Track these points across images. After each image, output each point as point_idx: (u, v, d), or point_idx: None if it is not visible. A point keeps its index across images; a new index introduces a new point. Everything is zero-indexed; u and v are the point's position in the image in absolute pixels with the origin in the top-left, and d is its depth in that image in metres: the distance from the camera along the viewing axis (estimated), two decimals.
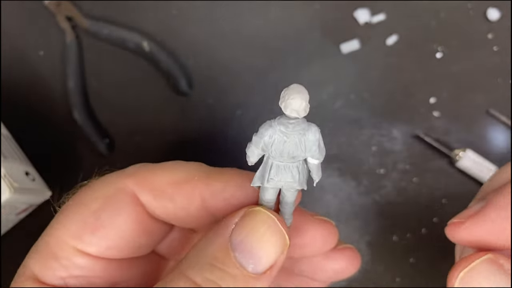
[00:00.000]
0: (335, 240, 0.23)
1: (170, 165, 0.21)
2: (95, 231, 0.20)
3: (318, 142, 0.18)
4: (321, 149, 0.18)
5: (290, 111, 0.17)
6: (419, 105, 0.35)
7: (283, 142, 0.18)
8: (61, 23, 0.35)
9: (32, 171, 0.32)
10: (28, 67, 0.35)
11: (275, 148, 0.18)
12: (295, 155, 0.18)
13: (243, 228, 0.18)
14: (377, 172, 0.35)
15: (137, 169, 0.21)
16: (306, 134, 0.18)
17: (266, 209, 0.19)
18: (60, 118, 0.35)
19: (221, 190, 0.20)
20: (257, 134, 0.18)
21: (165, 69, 0.35)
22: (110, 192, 0.20)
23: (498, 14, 0.35)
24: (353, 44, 0.35)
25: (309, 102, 0.17)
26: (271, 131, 0.18)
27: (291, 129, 0.18)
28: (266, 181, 0.19)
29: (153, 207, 0.21)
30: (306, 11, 0.36)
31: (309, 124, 0.18)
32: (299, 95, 0.17)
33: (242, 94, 0.35)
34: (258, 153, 0.18)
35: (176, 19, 0.36)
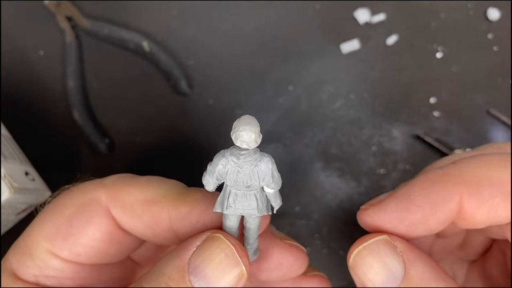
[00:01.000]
0: (303, 266, 0.23)
1: (144, 182, 0.22)
2: (66, 237, 0.21)
3: (271, 172, 0.18)
4: (275, 179, 0.18)
5: (241, 142, 0.17)
6: (419, 105, 0.35)
7: (237, 172, 0.18)
8: (61, 23, 0.35)
9: (32, 171, 0.32)
10: (28, 67, 0.35)
11: (230, 178, 0.18)
12: (250, 185, 0.18)
13: (201, 253, 0.19)
14: (377, 172, 0.35)
15: (113, 182, 0.22)
16: (258, 164, 0.18)
17: (226, 236, 0.19)
18: (60, 118, 0.35)
19: (187, 214, 0.21)
20: (211, 164, 0.19)
21: (165, 69, 0.35)
22: (84, 201, 0.21)
23: (498, 14, 0.35)
24: (353, 44, 0.35)
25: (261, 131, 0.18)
26: (224, 161, 0.18)
27: (242, 160, 0.18)
28: (225, 208, 0.19)
29: (122, 222, 0.21)
30: (306, 11, 0.36)
31: (262, 155, 0.18)
32: (248, 126, 0.17)
33: (242, 94, 0.35)
34: (214, 182, 0.19)
35: (176, 19, 0.36)
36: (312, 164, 0.35)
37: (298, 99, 0.35)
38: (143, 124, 0.35)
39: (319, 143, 0.35)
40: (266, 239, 0.22)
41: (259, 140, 0.18)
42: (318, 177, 0.35)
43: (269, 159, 0.18)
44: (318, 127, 0.35)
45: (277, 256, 0.22)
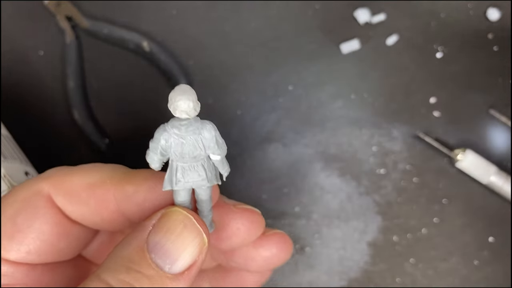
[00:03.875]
0: (261, 228, 0.23)
1: (86, 168, 0.21)
2: (12, 236, 0.19)
3: (215, 138, 0.18)
4: (220, 145, 0.18)
5: (180, 113, 0.17)
6: (419, 105, 0.35)
7: (181, 144, 0.18)
8: (61, 23, 0.35)
9: (31, 171, 0.32)
10: (28, 67, 0.35)
11: (174, 151, 0.18)
12: (195, 155, 0.18)
13: (160, 229, 0.18)
14: (377, 172, 0.35)
15: (54, 172, 0.21)
16: (201, 133, 0.18)
17: (182, 209, 0.19)
18: (60, 118, 0.35)
19: (133, 193, 0.20)
20: (152, 140, 0.18)
21: (165, 69, 0.35)
22: (26, 196, 0.20)
23: (498, 14, 0.35)
24: (353, 44, 0.35)
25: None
26: (166, 135, 0.18)
27: (184, 130, 0.18)
28: (175, 184, 0.19)
29: (69, 210, 0.20)
30: (306, 11, 0.36)
31: (203, 122, 0.18)
32: (185, 95, 0.17)
33: (242, 94, 0.35)
34: (159, 158, 0.18)
35: (176, 19, 0.36)
36: (312, 164, 0.35)
37: (298, 99, 0.35)
38: (143, 124, 0.35)
39: (319, 143, 0.35)
40: (220, 208, 0.22)
41: (198, 108, 0.17)
42: (318, 177, 0.35)
43: (211, 126, 0.18)
44: (318, 127, 0.35)
45: (233, 222, 0.22)
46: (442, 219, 0.34)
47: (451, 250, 0.34)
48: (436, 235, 0.34)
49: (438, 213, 0.34)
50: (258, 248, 0.23)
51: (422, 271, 0.34)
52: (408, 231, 0.34)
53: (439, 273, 0.34)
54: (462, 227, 0.34)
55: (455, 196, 0.34)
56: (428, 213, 0.34)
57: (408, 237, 0.34)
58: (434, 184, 0.34)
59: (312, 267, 0.34)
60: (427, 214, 0.34)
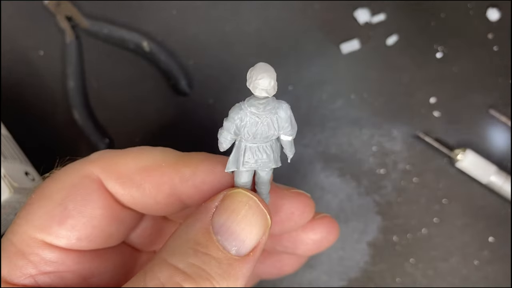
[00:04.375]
0: (312, 211, 0.23)
1: (137, 151, 0.20)
2: (62, 222, 0.19)
3: (290, 118, 0.18)
4: (293, 125, 0.18)
5: (260, 91, 0.17)
6: (419, 105, 0.35)
7: (256, 123, 0.17)
8: (61, 23, 0.35)
9: (31, 171, 0.32)
10: (28, 67, 0.35)
11: (248, 131, 0.17)
12: (268, 135, 0.18)
13: (224, 211, 0.18)
14: (377, 172, 0.35)
15: (101, 155, 0.20)
16: (277, 112, 0.17)
17: (246, 190, 0.19)
18: (60, 118, 0.35)
19: (191, 176, 0.20)
20: (227, 119, 0.18)
21: (165, 69, 0.35)
22: (75, 181, 0.19)
23: (498, 14, 0.35)
24: (353, 44, 0.35)
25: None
26: (242, 114, 0.17)
27: (262, 109, 0.17)
28: (242, 164, 0.18)
29: (120, 195, 0.20)
30: (306, 11, 0.36)
31: (279, 102, 0.18)
32: (266, 73, 0.17)
33: (242, 94, 0.35)
34: (231, 137, 0.18)
35: (176, 19, 0.35)
36: (312, 164, 0.35)
37: (298, 99, 0.35)
38: (143, 124, 0.35)
39: (319, 143, 0.35)
40: (273, 192, 0.21)
41: (276, 87, 0.17)
42: (318, 177, 0.35)
43: (287, 106, 0.18)
44: (318, 127, 0.35)
45: (288, 206, 0.22)
46: (442, 219, 0.34)
47: (451, 250, 0.34)
48: (436, 235, 0.34)
49: (438, 213, 0.34)
50: (308, 232, 0.23)
51: (422, 271, 0.34)
52: (408, 231, 0.34)
53: (439, 273, 0.34)
54: (462, 227, 0.34)
55: (455, 196, 0.34)
56: (428, 213, 0.34)
57: (408, 237, 0.34)
58: (434, 184, 0.34)
59: (312, 267, 0.34)
60: (427, 214, 0.34)
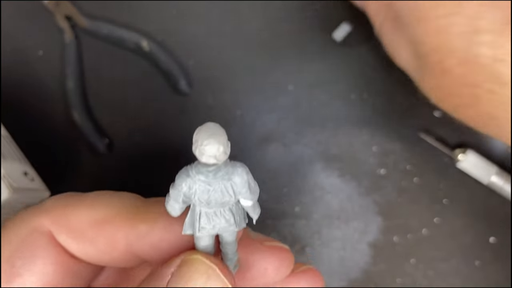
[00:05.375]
0: (290, 266, 0.21)
1: (92, 199, 0.19)
2: (11, 280, 0.17)
3: (247, 183, 0.16)
4: (252, 189, 0.16)
5: (207, 158, 0.15)
6: (420, 105, 0.35)
7: (207, 191, 0.16)
8: (60, 23, 0.35)
9: (30, 171, 0.32)
10: (26, 67, 0.35)
11: (199, 198, 0.16)
12: (223, 201, 0.16)
13: (180, 280, 0.16)
14: (377, 172, 0.35)
15: (54, 203, 0.19)
16: (231, 178, 0.16)
17: (205, 257, 0.17)
18: (59, 118, 0.35)
19: (148, 233, 0.18)
20: (173, 187, 0.16)
21: (165, 69, 0.35)
22: (24, 235, 0.18)
23: None
24: (344, 28, 0.35)
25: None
26: (190, 182, 0.16)
27: (212, 177, 0.15)
28: (198, 230, 0.16)
29: (73, 249, 0.18)
30: (306, 10, 0.35)
31: (233, 166, 0.16)
32: (213, 138, 0.15)
33: (242, 94, 0.35)
34: (180, 207, 0.16)
35: (176, 18, 0.35)
36: (312, 164, 0.35)
37: (298, 99, 0.35)
38: (143, 124, 0.35)
39: (319, 143, 0.35)
40: (245, 246, 0.20)
41: (229, 150, 0.15)
42: (318, 177, 0.35)
43: (243, 169, 0.16)
44: (318, 127, 0.35)
45: (261, 262, 0.20)
46: (443, 220, 0.34)
47: (452, 251, 0.34)
48: (436, 236, 0.34)
49: (438, 214, 0.34)
50: (289, 286, 0.22)
51: (423, 272, 0.34)
52: (409, 232, 0.34)
53: (440, 274, 0.34)
54: (463, 227, 0.34)
55: (456, 196, 0.34)
56: (428, 214, 0.34)
57: (409, 237, 0.34)
58: (435, 184, 0.34)
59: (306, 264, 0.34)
60: (428, 214, 0.34)
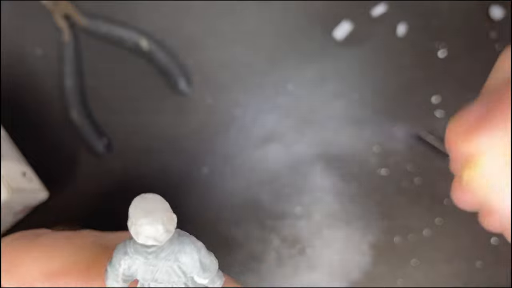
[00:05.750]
0: None
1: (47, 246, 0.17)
2: None
3: (198, 262, 0.13)
4: (206, 267, 0.14)
5: (144, 239, 0.12)
6: (421, 104, 0.35)
7: (151, 271, 0.13)
8: (58, 22, 0.35)
9: (29, 171, 0.32)
10: (25, 67, 0.35)
11: (143, 278, 0.14)
12: (174, 280, 0.14)
13: None
14: (378, 172, 0.34)
15: (6, 247, 0.17)
16: (178, 258, 0.13)
17: None
18: (58, 118, 0.35)
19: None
20: (111, 264, 0.14)
21: (164, 68, 0.35)
22: None
23: (501, 12, 0.35)
24: (345, 27, 0.35)
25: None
26: (128, 261, 0.13)
27: (153, 259, 0.13)
28: None
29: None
30: (307, 9, 0.35)
31: (180, 243, 0.13)
32: (151, 218, 0.12)
33: (242, 93, 0.35)
34: (123, 284, 0.14)
35: (175, 18, 0.35)
36: (312, 165, 0.34)
37: (299, 98, 0.35)
38: (142, 123, 0.35)
39: (320, 143, 0.35)
40: None
41: (173, 226, 0.13)
42: (319, 177, 0.34)
43: (193, 247, 0.13)
44: (319, 127, 0.35)
45: None
46: (444, 220, 0.34)
47: (454, 252, 0.34)
48: (438, 236, 0.34)
49: (440, 214, 0.34)
50: None
51: (424, 273, 0.34)
52: (410, 232, 0.34)
53: (441, 275, 0.34)
54: (464, 228, 0.34)
55: None
56: (430, 214, 0.34)
57: (410, 238, 0.34)
58: (436, 185, 0.34)
59: (313, 268, 0.34)
60: (429, 215, 0.34)
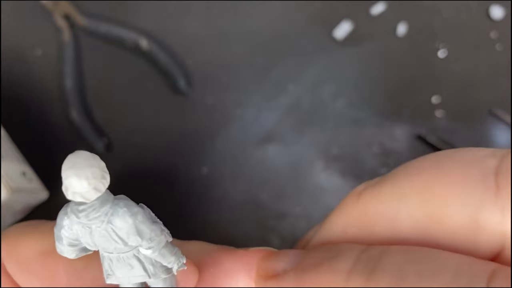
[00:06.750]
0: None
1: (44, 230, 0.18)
2: None
3: (134, 228, 0.12)
4: (146, 235, 0.12)
5: (72, 195, 0.12)
6: (421, 104, 0.35)
7: (89, 233, 0.13)
8: (58, 22, 0.35)
9: (29, 171, 0.32)
10: (25, 67, 0.35)
11: (86, 241, 0.13)
12: (114, 248, 0.13)
13: None
14: (378, 172, 0.34)
15: (11, 232, 0.18)
16: (111, 221, 0.12)
17: None
18: (58, 118, 0.35)
19: (84, 270, 0.16)
20: (55, 226, 0.13)
21: (164, 68, 0.35)
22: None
23: (501, 12, 0.35)
24: (345, 27, 0.35)
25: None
26: (67, 221, 0.13)
27: (84, 218, 0.12)
28: (106, 278, 0.14)
29: (18, 280, 0.17)
30: (307, 9, 0.35)
31: (115, 204, 0.12)
32: (73, 170, 0.12)
33: (242, 93, 0.35)
34: (69, 249, 0.13)
35: (175, 17, 0.35)
36: (312, 164, 0.34)
37: (299, 98, 0.35)
38: (142, 123, 0.35)
39: (320, 143, 0.35)
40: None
41: (103, 184, 0.12)
42: (319, 177, 0.34)
43: (126, 211, 0.12)
44: (319, 126, 0.35)
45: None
46: None
47: None
48: None
49: None
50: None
51: None
52: None
53: None
54: None
55: None
56: None
57: None
58: None
59: None
60: None
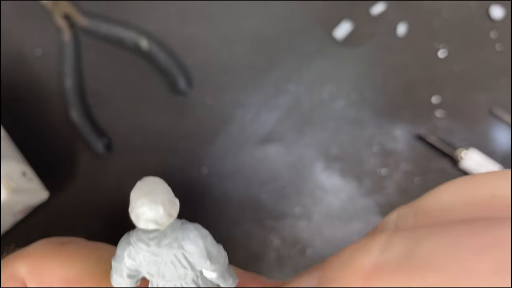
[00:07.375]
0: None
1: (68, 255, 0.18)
2: None
3: (204, 250, 0.12)
4: (213, 257, 0.13)
5: (145, 223, 0.12)
6: (421, 104, 0.35)
7: (155, 262, 0.12)
8: (58, 22, 0.35)
9: (29, 171, 0.32)
10: (25, 67, 0.35)
11: (148, 271, 0.13)
12: (180, 274, 0.13)
13: None
14: (378, 172, 0.34)
15: (34, 252, 0.18)
16: (182, 246, 0.12)
17: None
18: (58, 118, 0.34)
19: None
20: (115, 258, 0.13)
21: (164, 68, 0.35)
22: (4, 277, 0.18)
23: (501, 12, 0.35)
24: (345, 27, 0.35)
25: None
26: (132, 251, 0.13)
27: (155, 246, 0.12)
28: None
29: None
30: (307, 9, 0.35)
31: (184, 229, 0.12)
32: (149, 198, 0.12)
33: (242, 93, 0.35)
34: (127, 281, 0.13)
35: (175, 17, 0.35)
36: (313, 164, 0.34)
37: (299, 98, 0.35)
38: (142, 123, 0.35)
39: (320, 143, 0.35)
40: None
41: (175, 210, 0.12)
42: (319, 177, 0.34)
43: (197, 233, 0.12)
44: (319, 126, 0.35)
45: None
46: None
47: None
48: None
49: None
50: None
51: None
52: None
53: None
54: None
55: None
56: None
57: None
58: (436, 185, 0.34)
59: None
60: None
